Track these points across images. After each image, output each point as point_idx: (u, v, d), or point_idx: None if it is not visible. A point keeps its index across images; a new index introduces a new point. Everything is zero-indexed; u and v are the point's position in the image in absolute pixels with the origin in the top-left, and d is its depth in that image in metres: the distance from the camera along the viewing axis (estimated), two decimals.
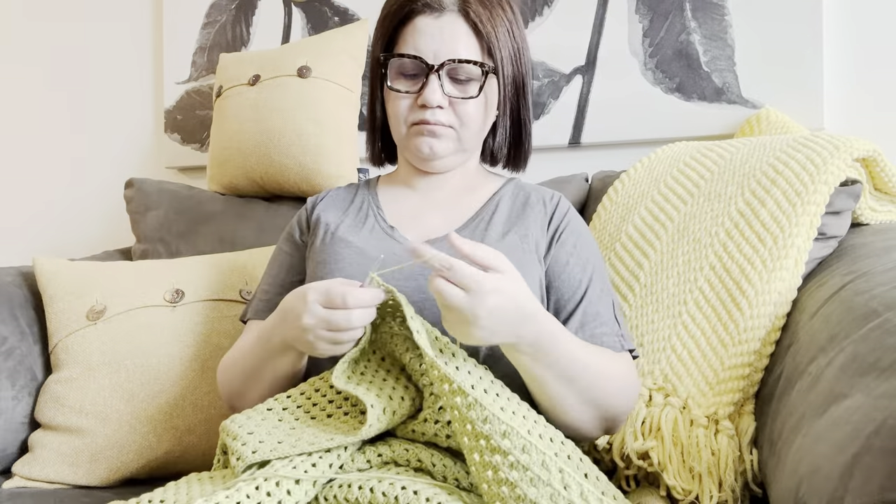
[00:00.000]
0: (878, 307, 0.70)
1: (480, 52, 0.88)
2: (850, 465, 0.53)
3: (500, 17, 0.89)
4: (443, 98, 0.87)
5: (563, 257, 0.89)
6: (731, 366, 0.88)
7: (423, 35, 0.87)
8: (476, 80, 0.88)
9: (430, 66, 0.87)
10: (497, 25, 0.89)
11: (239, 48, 1.74)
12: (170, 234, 1.44)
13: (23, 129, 1.94)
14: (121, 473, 1.06)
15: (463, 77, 0.88)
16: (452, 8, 0.88)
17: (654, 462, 0.87)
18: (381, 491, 0.60)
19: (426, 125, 0.89)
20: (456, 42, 0.87)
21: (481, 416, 0.62)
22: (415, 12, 0.88)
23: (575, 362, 0.76)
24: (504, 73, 0.90)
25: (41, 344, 1.19)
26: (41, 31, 1.92)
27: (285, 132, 1.39)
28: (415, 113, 0.89)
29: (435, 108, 0.88)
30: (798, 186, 0.95)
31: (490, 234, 0.89)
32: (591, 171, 1.38)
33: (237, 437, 0.69)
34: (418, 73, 0.89)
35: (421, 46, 0.87)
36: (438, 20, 0.87)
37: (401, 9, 0.89)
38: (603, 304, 0.88)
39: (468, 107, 0.89)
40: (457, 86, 0.89)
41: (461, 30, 0.87)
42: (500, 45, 0.89)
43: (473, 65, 0.87)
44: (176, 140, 1.78)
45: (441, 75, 0.87)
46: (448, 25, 0.87)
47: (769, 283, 0.90)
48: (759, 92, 1.39)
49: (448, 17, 0.87)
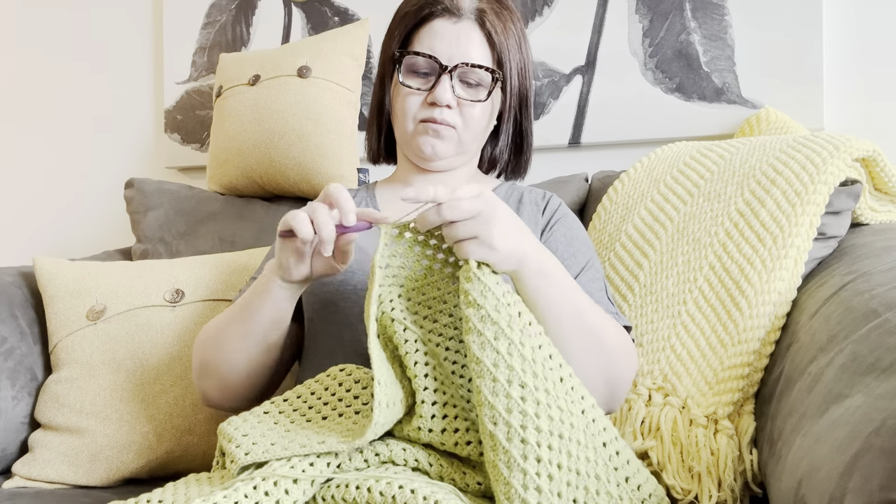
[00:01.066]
0: (878, 307, 0.70)
1: (492, 61, 0.93)
2: (850, 465, 0.53)
3: (511, 31, 0.94)
4: (452, 98, 0.91)
5: (553, 246, 0.92)
6: (731, 365, 0.88)
7: (440, 37, 0.91)
8: (485, 85, 0.93)
9: (444, 66, 0.90)
10: (509, 38, 0.93)
11: (239, 48, 1.74)
12: (170, 234, 1.44)
13: (23, 129, 1.94)
14: (121, 473, 1.06)
15: (473, 81, 0.92)
16: (470, 16, 0.92)
17: (654, 462, 0.87)
18: (378, 490, 0.60)
19: (433, 123, 0.92)
20: (470, 47, 0.91)
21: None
22: (434, 15, 0.92)
23: (580, 295, 0.78)
24: (511, 83, 0.95)
25: (41, 344, 1.19)
26: (41, 31, 1.92)
27: (285, 132, 1.39)
28: (423, 110, 0.93)
29: (444, 107, 0.91)
30: (798, 186, 0.95)
31: None
32: (591, 171, 1.39)
33: (232, 439, 0.69)
34: (430, 73, 0.92)
35: (437, 47, 0.91)
36: (456, 25, 0.91)
37: (420, 10, 0.93)
38: (596, 288, 0.89)
39: (475, 110, 0.93)
40: (466, 89, 0.93)
41: (476, 37, 0.92)
42: (510, 56, 0.94)
43: (485, 70, 0.91)
44: (176, 140, 1.78)
45: (453, 76, 0.91)
46: (464, 31, 0.91)
47: (769, 283, 0.90)
48: (759, 92, 1.39)
49: (465, 23, 0.92)
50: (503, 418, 0.60)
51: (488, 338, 0.64)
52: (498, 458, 0.59)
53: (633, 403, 0.92)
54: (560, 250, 0.92)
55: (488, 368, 0.62)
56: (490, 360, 0.63)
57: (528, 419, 0.60)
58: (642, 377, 0.93)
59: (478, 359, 0.63)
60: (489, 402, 0.61)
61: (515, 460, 0.59)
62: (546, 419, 0.61)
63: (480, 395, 0.62)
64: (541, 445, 0.60)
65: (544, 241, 0.93)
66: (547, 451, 0.60)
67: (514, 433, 0.60)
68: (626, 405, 0.92)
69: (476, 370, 0.63)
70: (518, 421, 0.60)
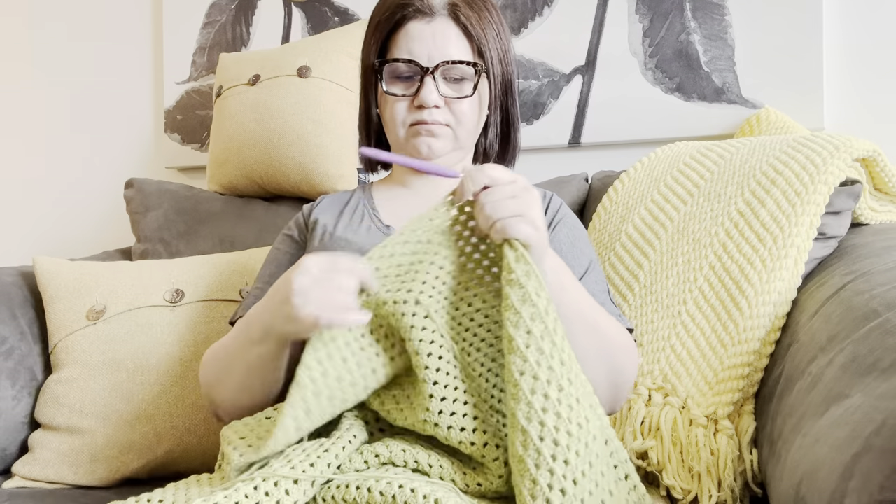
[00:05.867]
0: (878, 307, 0.70)
1: (471, 53, 0.92)
2: (850, 465, 0.53)
3: (487, 20, 0.93)
4: (439, 98, 0.91)
5: (556, 246, 0.91)
6: (731, 365, 0.88)
7: (416, 39, 0.90)
8: (469, 79, 0.92)
9: (425, 68, 0.90)
10: (486, 28, 0.92)
11: (239, 48, 1.74)
12: (170, 234, 1.44)
13: (23, 129, 1.94)
14: (121, 473, 1.06)
15: (457, 77, 0.92)
16: (442, 12, 0.91)
17: (654, 462, 0.87)
18: (378, 490, 0.60)
19: (424, 125, 0.91)
20: (448, 44, 0.90)
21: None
22: (406, 18, 0.91)
23: (594, 306, 0.78)
24: (494, 72, 0.94)
25: (41, 344, 1.19)
26: (41, 30, 1.92)
27: (285, 132, 1.39)
28: (412, 114, 0.92)
29: (432, 107, 0.91)
30: (798, 186, 0.95)
31: None
32: (591, 171, 1.39)
33: (231, 442, 0.70)
34: (413, 76, 0.92)
35: (414, 50, 0.90)
36: (430, 24, 0.91)
37: (392, 16, 0.92)
38: (599, 290, 0.89)
39: (463, 105, 0.92)
40: (451, 86, 0.92)
41: (452, 32, 0.91)
42: (489, 45, 0.93)
43: (466, 65, 0.91)
44: (176, 140, 1.78)
45: (436, 77, 0.90)
46: (440, 29, 0.90)
47: (769, 283, 0.90)
48: (759, 92, 1.39)
49: (439, 21, 0.91)
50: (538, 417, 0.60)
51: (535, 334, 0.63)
52: (528, 454, 0.59)
53: (633, 403, 0.92)
54: (564, 251, 0.91)
55: (532, 366, 0.62)
56: (534, 359, 0.62)
57: (561, 421, 0.60)
58: (642, 377, 0.93)
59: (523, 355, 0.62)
60: (527, 399, 0.61)
61: (546, 459, 0.59)
62: (576, 425, 0.61)
63: (519, 389, 0.61)
64: (570, 449, 0.60)
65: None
66: (574, 456, 0.60)
67: (547, 433, 0.60)
68: (626, 405, 0.92)
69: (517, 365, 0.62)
70: (552, 422, 0.60)
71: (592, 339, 0.77)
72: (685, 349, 0.92)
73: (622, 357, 0.81)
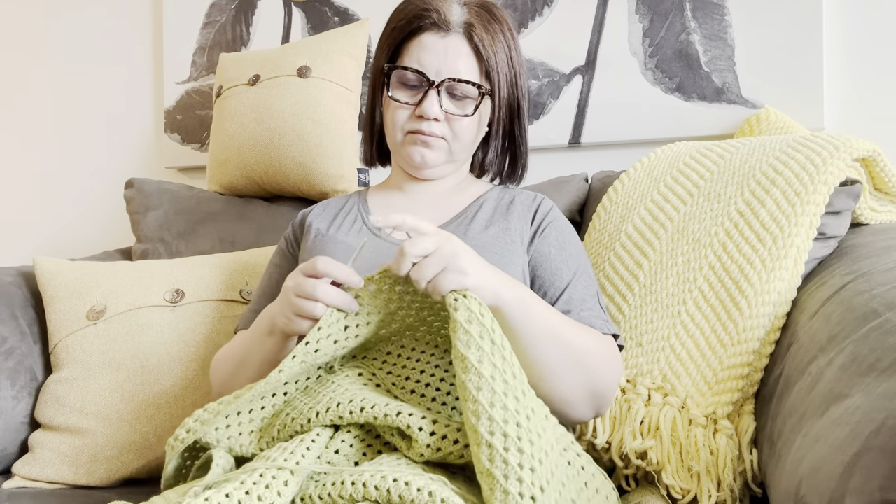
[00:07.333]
0: (878, 307, 0.70)
1: (479, 74, 0.94)
2: (850, 465, 0.53)
3: (500, 43, 0.94)
4: (440, 112, 0.92)
5: (545, 249, 0.93)
6: (731, 365, 0.88)
7: (428, 51, 0.92)
8: (473, 99, 0.94)
9: (432, 81, 0.91)
10: (497, 51, 0.94)
11: (239, 48, 1.74)
12: (170, 234, 1.44)
13: (23, 129, 1.94)
14: (121, 473, 1.06)
15: (460, 94, 0.93)
16: (458, 30, 0.92)
17: (653, 461, 0.87)
18: (373, 485, 0.61)
19: (421, 135, 0.93)
20: (457, 62, 0.92)
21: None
22: (422, 29, 0.93)
23: (563, 321, 0.80)
24: (500, 95, 0.95)
25: (41, 344, 1.19)
26: (41, 31, 1.92)
27: (285, 132, 1.39)
28: (412, 122, 0.94)
29: (432, 120, 0.93)
30: (798, 186, 0.95)
31: (473, 227, 0.94)
32: (590, 171, 1.39)
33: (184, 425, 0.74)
34: (419, 86, 0.93)
35: (424, 61, 0.92)
36: (444, 39, 0.92)
37: (409, 24, 0.93)
38: (588, 294, 0.90)
39: (462, 123, 0.94)
40: (454, 102, 0.94)
41: (464, 51, 0.92)
42: (498, 69, 0.94)
43: (471, 86, 0.92)
44: (176, 140, 1.78)
45: (440, 91, 0.92)
46: (452, 45, 0.92)
47: (769, 283, 0.90)
48: (759, 92, 1.39)
49: (453, 37, 0.92)
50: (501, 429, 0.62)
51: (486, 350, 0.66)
52: (495, 467, 0.60)
53: (632, 403, 0.92)
54: (552, 254, 0.92)
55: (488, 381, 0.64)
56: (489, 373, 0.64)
57: (522, 431, 0.62)
58: (642, 377, 0.93)
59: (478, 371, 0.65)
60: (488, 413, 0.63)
61: (514, 469, 0.60)
62: (536, 434, 0.63)
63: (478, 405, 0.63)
64: (534, 457, 0.61)
65: (535, 244, 0.93)
66: (538, 463, 0.61)
67: (511, 443, 0.61)
68: (626, 405, 0.92)
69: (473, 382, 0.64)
70: (514, 432, 0.62)
71: (563, 350, 0.79)
72: (685, 349, 0.92)
73: (600, 368, 0.82)
